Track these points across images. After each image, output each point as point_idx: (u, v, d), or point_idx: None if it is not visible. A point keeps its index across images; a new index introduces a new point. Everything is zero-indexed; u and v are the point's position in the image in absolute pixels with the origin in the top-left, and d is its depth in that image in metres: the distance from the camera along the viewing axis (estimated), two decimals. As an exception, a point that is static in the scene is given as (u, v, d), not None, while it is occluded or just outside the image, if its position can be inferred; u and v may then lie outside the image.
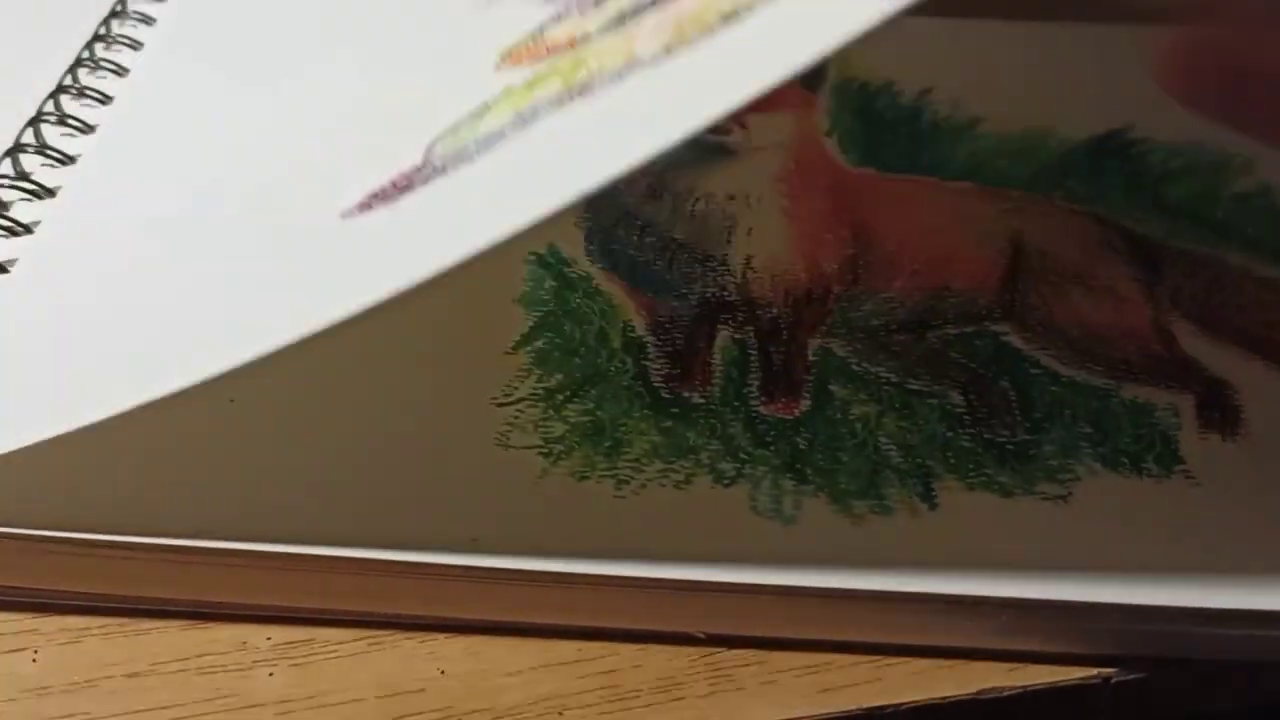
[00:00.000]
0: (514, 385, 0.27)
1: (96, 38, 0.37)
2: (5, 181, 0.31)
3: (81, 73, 0.35)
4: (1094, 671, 0.24)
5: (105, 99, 0.35)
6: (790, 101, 0.38)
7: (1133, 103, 0.39)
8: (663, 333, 0.29)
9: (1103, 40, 0.42)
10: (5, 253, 0.29)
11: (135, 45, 0.37)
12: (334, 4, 0.40)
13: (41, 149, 0.32)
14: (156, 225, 0.29)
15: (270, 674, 0.23)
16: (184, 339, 0.25)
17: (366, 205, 0.25)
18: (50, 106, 0.34)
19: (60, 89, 0.34)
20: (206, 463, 0.25)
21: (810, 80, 0.39)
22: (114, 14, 0.38)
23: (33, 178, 0.31)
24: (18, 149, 0.32)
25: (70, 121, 0.33)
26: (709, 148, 0.35)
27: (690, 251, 0.32)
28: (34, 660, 0.23)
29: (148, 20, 0.39)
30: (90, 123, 0.33)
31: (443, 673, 0.24)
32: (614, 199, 0.33)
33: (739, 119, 0.37)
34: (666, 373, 0.28)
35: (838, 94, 0.39)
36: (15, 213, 0.30)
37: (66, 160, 0.32)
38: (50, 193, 0.31)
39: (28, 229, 0.29)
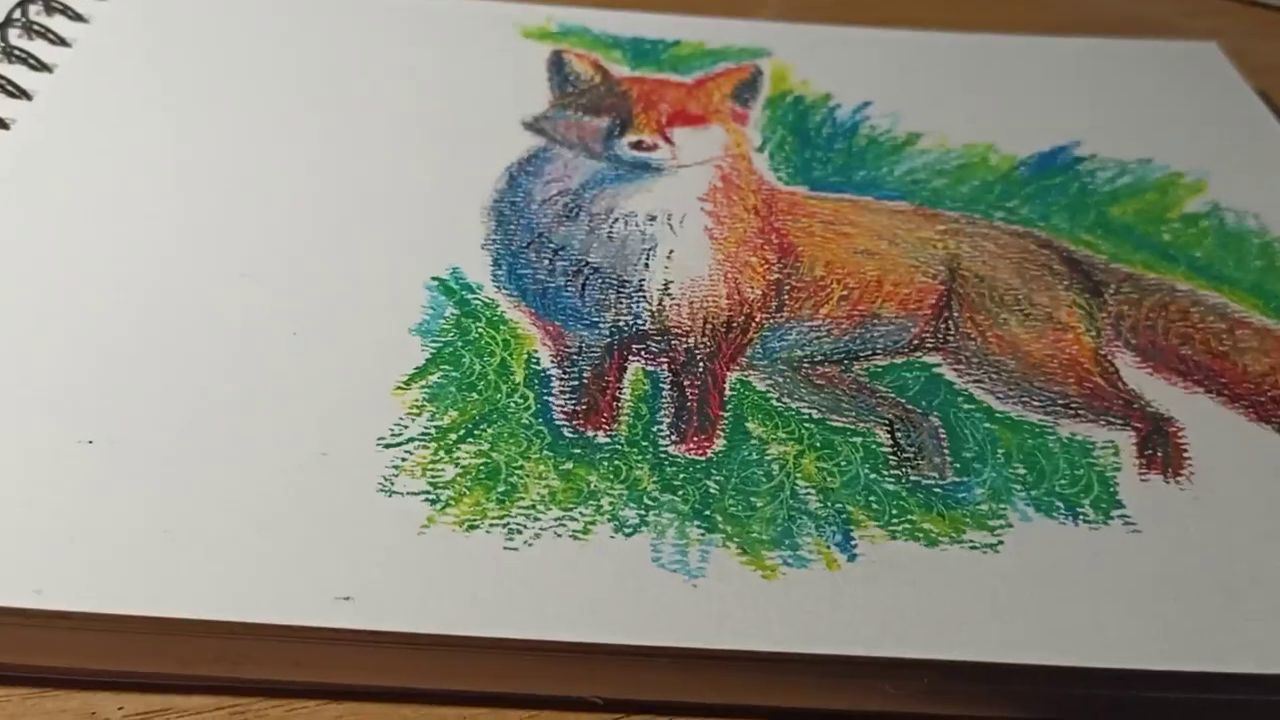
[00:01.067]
0: (403, 424, 0.25)
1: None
2: None
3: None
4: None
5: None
6: (720, 116, 0.36)
7: (1079, 118, 0.37)
8: (569, 365, 0.27)
9: (1048, 52, 0.40)
10: None
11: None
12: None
13: None
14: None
15: (118, 748, 0.21)
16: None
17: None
18: None
19: None
20: (50, 512, 0.22)
21: (743, 94, 0.38)
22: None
23: None
24: None
25: None
26: (632, 165, 0.33)
27: (605, 276, 0.30)
28: None
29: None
30: None
31: (310, 746, 0.21)
32: (527, 220, 0.31)
33: (665, 134, 0.35)
34: (570, 409, 0.26)
35: (772, 108, 0.37)
36: None
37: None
38: None
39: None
